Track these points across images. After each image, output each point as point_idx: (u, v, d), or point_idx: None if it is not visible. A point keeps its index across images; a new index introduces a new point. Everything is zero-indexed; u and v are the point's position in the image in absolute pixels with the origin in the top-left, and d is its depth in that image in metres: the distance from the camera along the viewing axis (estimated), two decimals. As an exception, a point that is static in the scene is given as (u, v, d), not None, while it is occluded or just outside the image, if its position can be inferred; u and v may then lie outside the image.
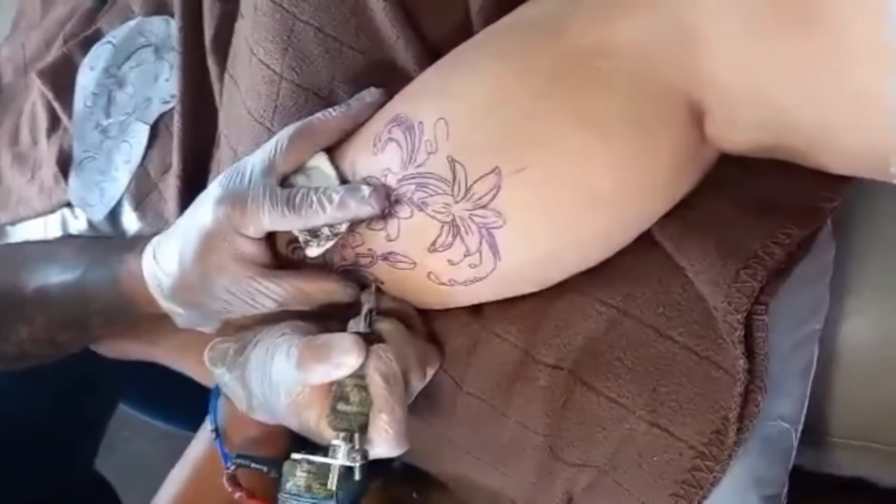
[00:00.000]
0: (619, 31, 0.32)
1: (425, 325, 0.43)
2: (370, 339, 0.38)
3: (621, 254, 0.37)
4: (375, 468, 0.39)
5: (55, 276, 0.49)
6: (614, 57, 0.32)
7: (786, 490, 0.37)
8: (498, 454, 0.42)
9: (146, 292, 0.44)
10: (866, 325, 0.37)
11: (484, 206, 0.34)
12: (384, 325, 0.40)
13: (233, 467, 0.45)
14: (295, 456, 0.39)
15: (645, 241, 0.36)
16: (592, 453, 0.37)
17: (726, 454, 0.33)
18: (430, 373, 0.42)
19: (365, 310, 0.40)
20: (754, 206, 0.34)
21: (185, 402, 0.85)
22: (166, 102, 0.67)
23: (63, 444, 0.69)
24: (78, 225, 0.77)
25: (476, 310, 0.42)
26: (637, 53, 0.32)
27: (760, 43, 0.30)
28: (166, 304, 0.44)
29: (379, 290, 0.42)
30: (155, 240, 0.45)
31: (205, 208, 0.41)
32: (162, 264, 0.43)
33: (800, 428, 0.37)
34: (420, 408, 0.44)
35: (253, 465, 0.45)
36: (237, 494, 0.44)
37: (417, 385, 0.41)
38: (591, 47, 0.33)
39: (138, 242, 0.47)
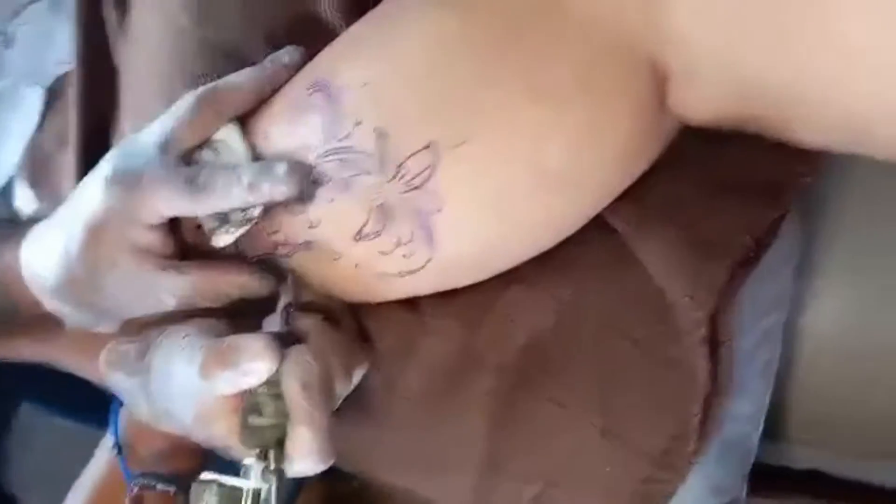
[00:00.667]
0: None
1: (354, 320, 0.39)
2: (287, 339, 0.33)
3: (572, 240, 0.33)
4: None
5: None
6: (569, 12, 0.28)
7: (744, 494, 0.35)
8: (435, 463, 0.38)
9: (27, 291, 0.38)
10: (832, 313, 0.35)
11: (417, 188, 0.30)
12: (304, 322, 0.35)
13: (136, 488, 0.39)
14: (204, 476, 0.34)
15: (598, 226, 0.32)
16: (539, 464, 0.33)
17: (685, 463, 0.30)
18: (359, 374, 0.37)
19: (281, 305, 0.35)
20: (718, 186, 0.30)
21: (93, 397, 0.78)
22: (65, 63, 0.60)
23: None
24: (-34, 202, 0.69)
25: (412, 304, 0.37)
26: (594, 8, 0.28)
27: None
28: (51, 304, 0.38)
29: (298, 283, 0.37)
30: (35, 229, 0.39)
31: (91, 190, 0.35)
32: (43, 260, 0.37)
33: (760, 427, 0.34)
34: (348, 410, 0.40)
35: (158, 485, 0.40)
36: None
37: (343, 390, 0.36)
38: (543, 3, 0.28)
39: (16, 232, 0.40)
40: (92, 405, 0.78)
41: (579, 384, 0.32)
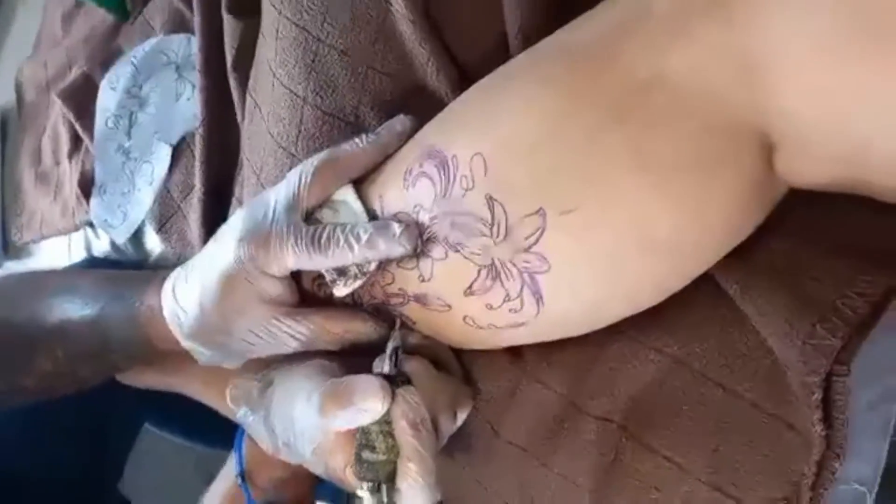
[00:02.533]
0: (677, 61, 0.29)
1: (460, 364, 0.41)
2: (396, 380, 0.36)
3: (678, 297, 0.33)
4: None
5: (76, 311, 0.47)
6: (673, 90, 0.29)
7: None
8: (540, 507, 0.39)
9: (166, 330, 0.42)
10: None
11: (526, 250, 0.32)
12: (411, 365, 0.37)
13: None
14: None
15: (705, 284, 0.33)
16: (644, 515, 0.33)
17: (796, 524, 0.30)
18: (462, 416, 0.39)
19: (390, 349, 0.38)
20: (829, 248, 0.30)
21: (211, 419, 0.83)
22: (189, 122, 0.66)
23: (86, 466, 0.67)
24: (101, 245, 0.76)
25: (517, 352, 0.39)
26: (698, 86, 0.29)
27: (835, 69, 0.27)
28: (187, 344, 0.42)
29: (406, 328, 0.40)
30: (174, 274, 0.43)
31: (226, 246, 0.38)
32: (181, 303, 0.40)
33: (875, 489, 0.33)
34: (453, 451, 0.42)
35: None
36: None
37: (448, 429, 0.38)
38: (647, 79, 0.29)
39: (158, 276, 0.45)
40: (209, 429, 0.84)
41: (686, 438, 0.32)
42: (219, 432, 0.87)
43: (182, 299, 0.40)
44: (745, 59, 0.28)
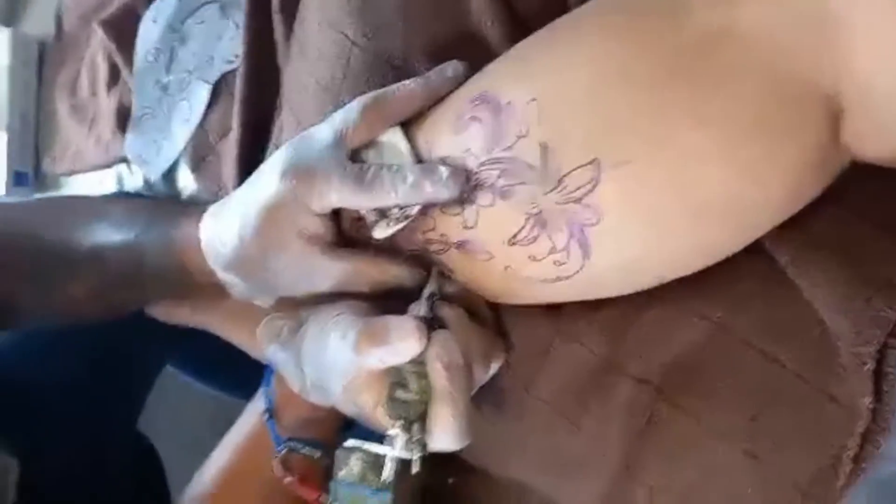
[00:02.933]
0: (747, 15, 0.28)
1: (494, 318, 0.40)
2: (431, 324, 0.35)
3: (725, 263, 0.32)
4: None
5: (111, 236, 0.47)
6: (741, 46, 0.28)
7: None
8: (565, 465, 0.39)
9: (202, 261, 0.42)
10: None
11: (577, 201, 0.31)
12: (447, 312, 0.37)
13: (284, 451, 0.43)
14: (349, 443, 0.37)
15: (756, 252, 0.32)
16: (674, 478, 0.33)
17: (834, 496, 0.29)
18: (495, 367, 0.39)
19: (427, 293, 0.37)
20: (886, 225, 0.29)
21: (234, 368, 0.85)
22: (229, 62, 0.65)
23: (104, 398, 0.68)
24: (133, 182, 0.76)
25: (553, 310, 0.38)
26: (767, 42, 0.28)
27: None
28: (223, 275, 0.42)
29: (443, 276, 0.39)
30: (213, 207, 0.43)
31: (268, 179, 0.38)
32: (220, 234, 0.40)
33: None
34: (482, 405, 0.42)
35: (304, 450, 0.43)
36: (287, 479, 0.42)
37: (481, 378, 0.38)
38: (714, 33, 0.28)
39: (194, 208, 0.45)
40: (230, 376, 0.85)
41: (725, 404, 0.32)
42: (239, 381, 0.88)
43: (221, 230, 0.40)
44: (819, 14, 0.27)
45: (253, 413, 0.49)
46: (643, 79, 0.30)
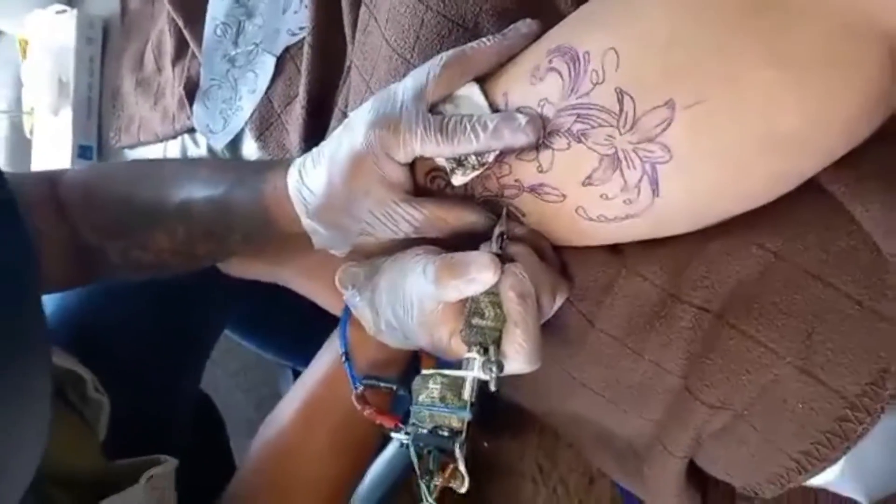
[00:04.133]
0: None
1: (559, 258, 0.44)
2: (503, 259, 0.39)
3: (785, 197, 0.35)
4: None
5: (199, 191, 0.51)
6: None
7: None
8: (625, 393, 0.42)
9: (289, 210, 0.46)
10: None
11: (651, 140, 0.34)
12: (515, 248, 0.40)
13: (361, 388, 0.47)
14: (426, 371, 0.40)
15: (811, 186, 0.35)
16: (733, 396, 0.37)
17: (880, 407, 0.32)
18: (560, 300, 0.42)
19: (497, 233, 0.41)
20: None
21: (284, 333, 0.89)
22: (294, 35, 0.69)
23: (172, 357, 0.73)
24: (198, 152, 0.81)
25: (616, 248, 0.42)
26: None
27: None
28: (308, 223, 0.45)
29: (511, 218, 0.43)
30: (299, 160, 0.46)
31: (356, 131, 0.41)
32: (309, 183, 0.44)
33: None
34: (547, 342, 0.45)
35: (382, 384, 0.47)
36: (367, 411, 0.46)
37: (548, 309, 0.41)
38: None
39: (279, 163, 0.48)
40: (282, 340, 0.90)
41: (781, 326, 0.35)
42: (287, 346, 0.93)
43: (309, 180, 0.44)
44: None
45: (326, 356, 0.53)
46: (716, 22, 0.33)
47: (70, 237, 0.52)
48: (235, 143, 0.74)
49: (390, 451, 1.01)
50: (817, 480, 0.37)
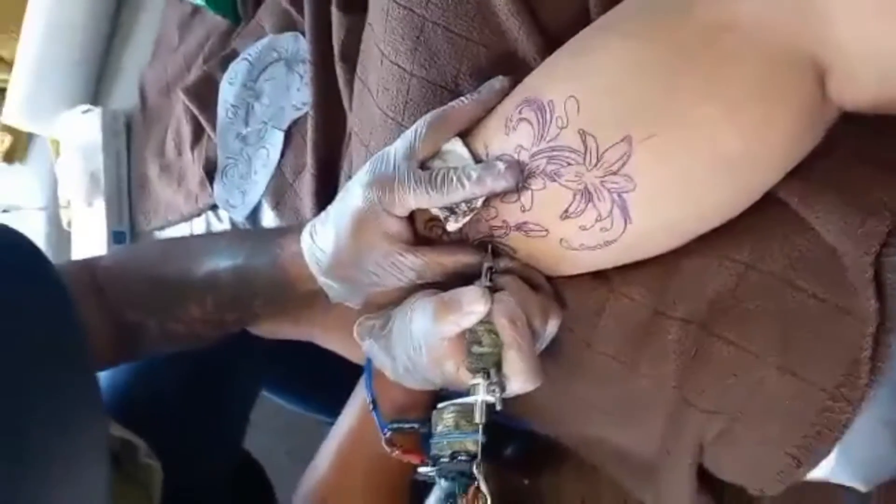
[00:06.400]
0: (742, 7, 0.35)
1: (551, 287, 0.47)
2: (493, 291, 0.42)
3: (746, 213, 0.39)
4: (489, 455, 0.43)
5: (222, 263, 0.55)
6: (738, 31, 0.35)
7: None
8: (628, 409, 0.45)
9: (304, 270, 0.50)
10: None
11: (615, 173, 0.38)
12: (504, 280, 0.44)
13: (389, 433, 0.50)
14: (440, 405, 0.44)
15: (769, 200, 0.38)
16: (724, 399, 0.39)
17: (859, 395, 0.35)
18: (553, 324, 0.45)
19: (485, 268, 0.44)
20: (876, 160, 0.36)
21: (319, 392, 0.93)
22: (298, 109, 0.75)
23: (209, 424, 0.76)
24: (221, 226, 0.86)
25: (602, 275, 0.45)
26: (760, 26, 0.35)
27: (885, 6, 0.32)
28: (322, 279, 0.49)
29: (498, 254, 0.46)
30: (309, 224, 0.51)
31: (355, 192, 0.46)
32: (319, 243, 0.48)
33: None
34: (549, 368, 0.48)
35: (406, 426, 0.51)
36: (395, 453, 0.49)
37: (541, 332, 0.44)
38: (715, 23, 0.35)
39: (292, 229, 0.53)
40: (317, 396, 0.94)
41: (759, 330, 0.38)
42: (323, 403, 0.96)
43: (320, 240, 0.48)
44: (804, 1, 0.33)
45: (354, 406, 0.56)
46: (658, 68, 0.37)
47: (111, 318, 0.57)
48: (255, 215, 0.80)
49: (433, 498, 1.03)
50: (816, 473, 0.39)
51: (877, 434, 0.37)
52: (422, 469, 0.48)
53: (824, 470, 0.39)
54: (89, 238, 1.04)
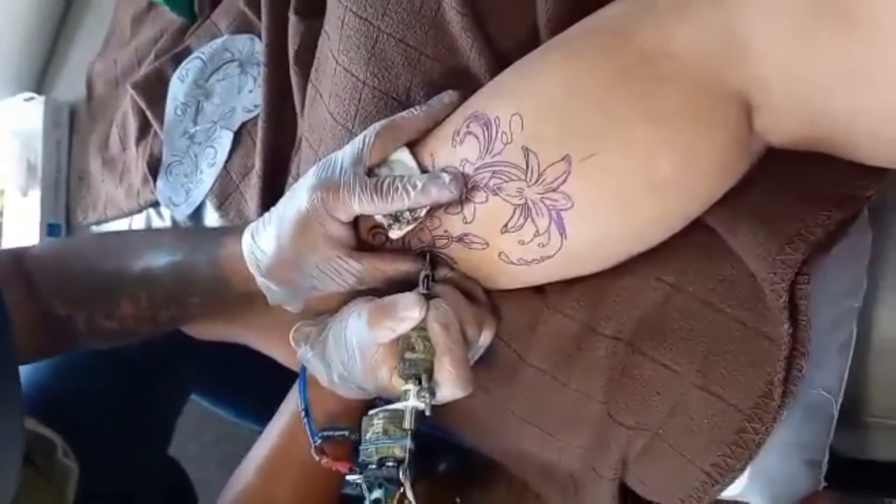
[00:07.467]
0: (678, 37, 0.37)
1: (487, 299, 0.48)
2: (429, 298, 0.43)
3: (676, 237, 0.40)
4: (420, 471, 0.43)
5: (160, 259, 0.54)
6: (674, 59, 0.37)
7: (826, 459, 0.40)
8: (557, 422, 0.46)
9: (244, 270, 0.49)
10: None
11: (554, 190, 0.39)
12: (440, 288, 0.45)
13: (319, 441, 0.50)
14: (371, 411, 0.44)
15: (698, 226, 0.40)
16: (647, 416, 0.40)
17: (771, 416, 0.36)
18: (486, 335, 0.46)
19: (422, 276, 0.45)
20: (797, 193, 0.38)
21: (249, 397, 0.91)
22: (249, 111, 0.74)
23: (135, 425, 0.74)
24: (162, 224, 0.84)
25: (539, 290, 0.46)
26: (694, 55, 0.36)
27: (804, 44, 0.34)
28: (262, 281, 0.49)
29: (436, 263, 0.47)
30: (252, 224, 0.50)
31: (300, 195, 0.46)
32: (260, 244, 0.48)
33: (839, 400, 0.40)
34: (483, 380, 0.48)
35: (336, 434, 0.50)
36: (324, 461, 0.49)
37: (475, 340, 0.45)
38: (653, 51, 0.37)
39: (234, 228, 0.52)
40: (245, 402, 0.91)
41: (682, 349, 0.39)
42: (253, 409, 0.94)
43: (261, 241, 0.48)
44: (733, 35, 0.36)
45: (286, 412, 0.55)
46: (599, 89, 0.38)
47: (38, 309, 0.55)
48: (198, 214, 0.78)
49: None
50: (729, 492, 0.40)
51: (787, 455, 0.39)
52: (349, 476, 0.48)
53: (737, 488, 0.40)
54: (21, 228, 1.00)
